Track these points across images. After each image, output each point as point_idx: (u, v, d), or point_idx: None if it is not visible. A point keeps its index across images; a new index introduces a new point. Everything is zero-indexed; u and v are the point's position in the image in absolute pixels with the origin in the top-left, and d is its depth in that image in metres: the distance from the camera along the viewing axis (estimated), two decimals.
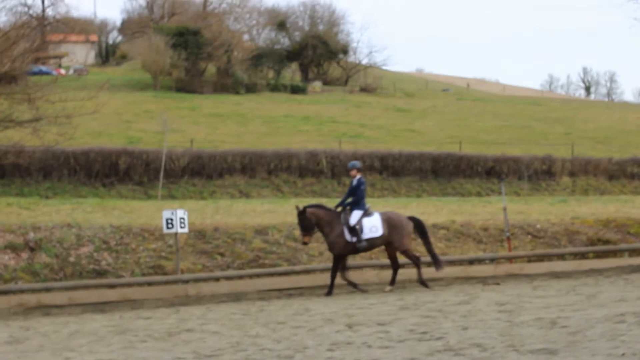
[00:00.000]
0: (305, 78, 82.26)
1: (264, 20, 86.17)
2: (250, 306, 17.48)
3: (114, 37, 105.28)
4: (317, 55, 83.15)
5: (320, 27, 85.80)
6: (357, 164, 20.09)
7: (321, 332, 12.96)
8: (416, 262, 19.57)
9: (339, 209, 19.49)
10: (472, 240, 23.67)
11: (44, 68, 66.35)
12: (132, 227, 22.25)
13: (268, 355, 11.16)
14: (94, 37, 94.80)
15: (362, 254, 20.91)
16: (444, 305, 15.61)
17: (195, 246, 21.68)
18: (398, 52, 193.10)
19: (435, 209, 28.39)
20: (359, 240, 19.11)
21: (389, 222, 19.41)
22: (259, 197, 37.90)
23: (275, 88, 75.11)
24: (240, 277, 20.69)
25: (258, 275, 20.75)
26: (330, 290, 18.98)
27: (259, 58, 76.72)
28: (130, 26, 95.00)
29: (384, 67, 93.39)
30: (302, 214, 19.10)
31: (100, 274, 20.45)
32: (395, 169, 43.36)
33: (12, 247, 20.67)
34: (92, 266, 20.54)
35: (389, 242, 19.47)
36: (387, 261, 20.12)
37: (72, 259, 20.58)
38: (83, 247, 20.97)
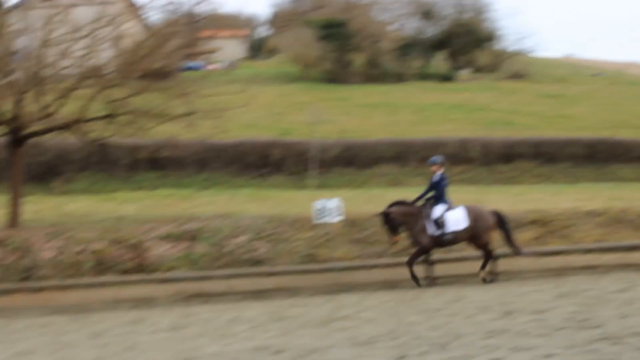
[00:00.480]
0: (454, 66, 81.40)
1: (409, 10, 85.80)
2: (404, 294, 17.46)
3: (263, 31, 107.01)
4: (463, 43, 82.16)
5: (466, 15, 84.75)
6: (438, 159, 19.60)
7: (477, 320, 12.83)
8: (490, 255, 19.17)
9: (419, 202, 19.14)
10: (631, 226, 22.92)
11: (194, 64, 68.04)
12: (286, 216, 22.58)
13: (423, 342, 11.13)
14: (243, 32, 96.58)
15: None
16: (603, 292, 15.20)
17: (349, 235, 21.81)
18: (546, 37, 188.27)
19: (590, 195, 27.66)
20: (444, 232, 18.81)
21: (473, 214, 19.07)
22: (410, 185, 37.77)
23: (423, 77, 74.61)
24: (394, 265, 20.69)
25: None
26: (416, 280, 18.76)
27: (405, 48, 76.42)
28: (279, 20, 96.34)
29: (532, 54, 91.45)
30: (387, 216, 18.92)
31: (257, 262, 20.85)
32: (549, 156, 42.36)
33: (172, 237, 21.32)
34: (247, 255, 20.97)
35: (473, 235, 19.08)
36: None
37: (228, 248, 21.05)
38: (239, 237, 21.41)
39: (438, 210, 18.97)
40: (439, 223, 18.83)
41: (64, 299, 18.80)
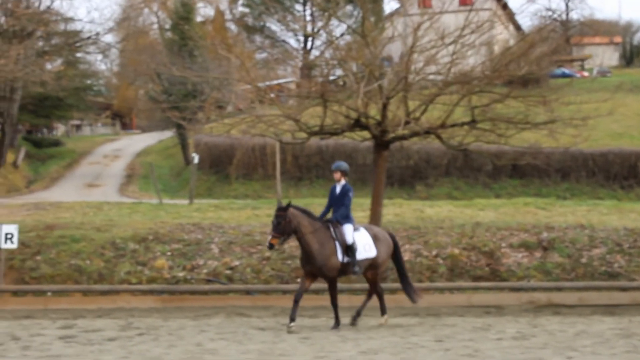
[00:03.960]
0: None
1: None
2: None
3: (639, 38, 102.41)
4: None
5: None
6: (343, 165, 16.25)
7: None
8: (379, 291, 16.29)
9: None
10: None
11: (566, 71, 66.60)
12: None
13: None
14: (618, 39, 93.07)
15: None
16: None
17: None
18: None
19: None
20: (354, 262, 15.54)
21: (377, 239, 16.05)
22: None
23: None
24: None
25: None
26: (337, 321, 15.74)
27: None
28: None
29: None
30: (283, 210, 15.38)
31: (612, 276, 20.04)
32: None
33: (526, 246, 21.08)
34: (603, 268, 20.21)
35: (372, 265, 15.96)
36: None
37: (583, 260, 20.43)
38: (595, 249, 20.71)
39: (348, 233, 15.64)
40: (352, 249, 15.56)
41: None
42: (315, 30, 61.28)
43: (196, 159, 31.85)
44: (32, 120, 58.21)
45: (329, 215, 15.98)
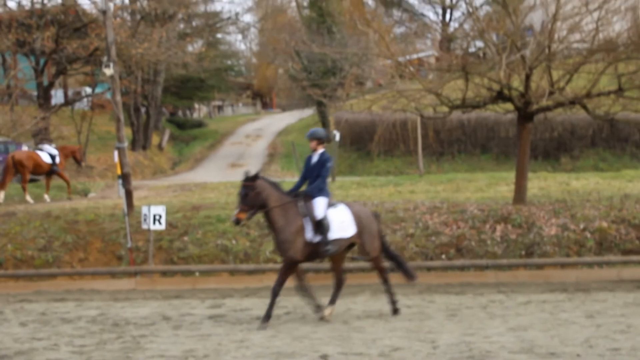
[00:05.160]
0: None
1: None
2: None
3: None
4: None
5: None
6: (320, 132, 14.64)
7: None
8: (385, 275, 14.67)
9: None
10: None
11: None
12: None
13: None
14: None
15: None
16: None
17: None
18: None
19: None
20: (325, 241, 13.82)
21: (359, 218, 14.31)
22: None
23: None
24: None
25: None
26: (268, 314, 13.87)
27: None
28: None
29: None
30: (250, 180, 13.74)
31: None
32: None
33: None
34: None
35: (354, 245, 14.44)
36: None
37: None
38: None
39: (319, 207, 13.92)
40: (323, 226, 13.83)
41: (565, 277, 18.91)
42: (454, 1, 60.66)
43: (337, 136, 32.10)
44: (174, 102, 59.92)
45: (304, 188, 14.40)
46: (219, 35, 60.98)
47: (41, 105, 36.56)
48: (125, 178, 22.21)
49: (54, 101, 41.82)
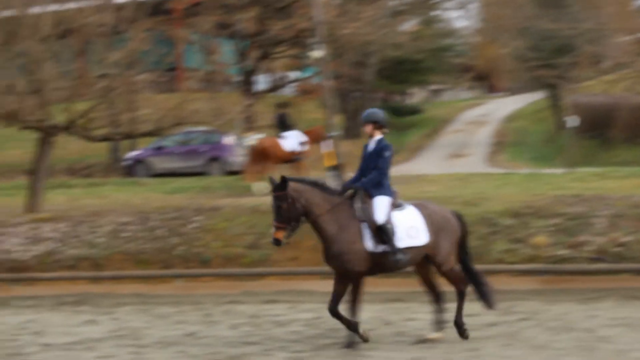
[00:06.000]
0: None
1: None
2: None
3: None
4: None
5: None
6: (377, 113, 12.88)
7: None
8: (462, 289, 13.03)
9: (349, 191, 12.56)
10: None
11: None
12: None
13: None
14: None
15: None
16: None
17: None
18: None
19: None
20: (394, 250, 12.23)
21: (433, 220, 12.61)
22: None
23: None
24: None
25: None
26: (352, 339, 12.65)
27: None
28: None
29: None
30: (279, 189, 12.19)
31: None
32: None
33: None
34: None
35: (431, 256, 12.72)
36: None
37: None
38: None
39: (381, 208, 12.39)
40: (387, 231, 12.30)
41: None
42: None
43: (575, 121, 31.35)
44: (388, 86, 60.24)
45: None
46: (435, 12, 60.82)
47: (244, 92, 37.56)
48: (339, 169, 22.38)
49: (256, 87, 42.94)
